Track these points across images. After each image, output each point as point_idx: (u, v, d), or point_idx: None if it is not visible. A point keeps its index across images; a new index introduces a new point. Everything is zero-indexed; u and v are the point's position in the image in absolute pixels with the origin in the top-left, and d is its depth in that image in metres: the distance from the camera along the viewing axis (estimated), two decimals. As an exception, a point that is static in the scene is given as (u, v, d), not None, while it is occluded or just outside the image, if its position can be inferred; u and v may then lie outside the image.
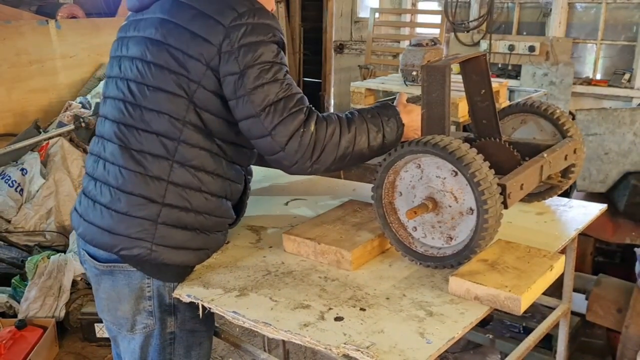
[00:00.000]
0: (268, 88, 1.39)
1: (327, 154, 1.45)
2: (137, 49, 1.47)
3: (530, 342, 1.73)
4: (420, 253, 1.47)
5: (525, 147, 1.66)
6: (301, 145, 1.41)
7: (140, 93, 1.44)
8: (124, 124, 1.46)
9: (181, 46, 1.41)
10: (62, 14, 4.85)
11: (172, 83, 1.42)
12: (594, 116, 3.10)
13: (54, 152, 3.89)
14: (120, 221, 1.43)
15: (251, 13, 1.41)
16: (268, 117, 1.39)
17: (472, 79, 1.64)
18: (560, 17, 5.35)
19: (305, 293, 1.40)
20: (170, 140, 1.43)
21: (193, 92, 1.42)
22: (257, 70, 1.39)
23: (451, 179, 1.37)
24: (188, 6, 1.43)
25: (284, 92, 1.41)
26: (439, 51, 3.63)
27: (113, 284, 1.51)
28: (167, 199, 1.43)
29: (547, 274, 1.37)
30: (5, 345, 2.78)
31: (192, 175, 1.45)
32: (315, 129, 1.43)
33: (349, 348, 1.19)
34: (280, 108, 1.40)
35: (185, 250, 1.47)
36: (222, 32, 1.38)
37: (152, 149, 1.43)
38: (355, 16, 6.91)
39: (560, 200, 1.90)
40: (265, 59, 1.40)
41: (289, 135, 1.40)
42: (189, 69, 1.41)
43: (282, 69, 1.43)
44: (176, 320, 1.53)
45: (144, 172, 1.43)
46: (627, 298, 2.59)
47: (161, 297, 1.50)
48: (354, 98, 4.10)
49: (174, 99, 1.42)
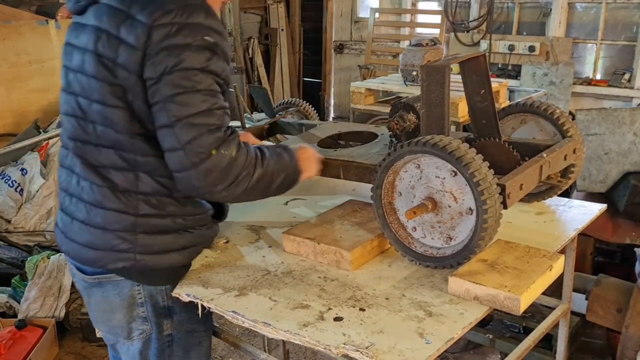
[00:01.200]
0: (187, 98, 1.27)
1: (239, 183, 1.36)
2: (77, 61, 1.39)
3: (530, 342, 1.73)
4: (419, 253, 1.47)
5: (524, 147, 1.66)
6: (216, 167, 1.30)
7: (87, 108, 1.37)
8: (80, 141, 1.41)
9: (112, 55, 1.31)
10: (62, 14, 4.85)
11: (111, 96, 1.33)
12: (594, 116, 3.10)
13: (54, 152, 3.89)
14: (100, 236, 1.41)
15: (180, 11, 1.27)
16: (183, 129, 1.27)
17: (472, 79, 1.64)
18: (560, 17, 5.35)
19: (304, 293, 1.40)
20: (127, 152, 1.36)
21: (131, 103, 1.32)
22: (176, 77, 1.26)
23: (450, 179, 1.37)
24: (117, 10, 1.32)
25: (206, 105, 1.29)
26: (439, 51, 3.63)
27: (103, 295, 1.49)
28: (140, 209, 1.39)
29: (546, 274, 1.36)
30: (5, 345, 2.78)
31: (159, 183, 1.39)
32: (237, 154, 1.33)
33: (349, 348, 1.19)
34: (199, 122, 1.28)
35: (171, 252, 1.45)
36: (145, 32, 1.26)
37: (113, 163, 1.38)
38: (355, 16, 6.91)
39: (560, 200, 1.89)
40: (188, 65, 1.26)
41: (204, 153, 1.29)
42: (121, 80, 1.31)
43: (207, 79, 1.29)
44: (172, 322, 1.52)
45: (113, 187, 1.38)
46: (627, 298, 2.58)
47: (154, 302, 1.48)
48: (354, 98, 4.11)
49: (117, 112, 1.33)
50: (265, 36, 6.84)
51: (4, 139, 4.16)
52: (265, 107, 2.37)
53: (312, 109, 2.46)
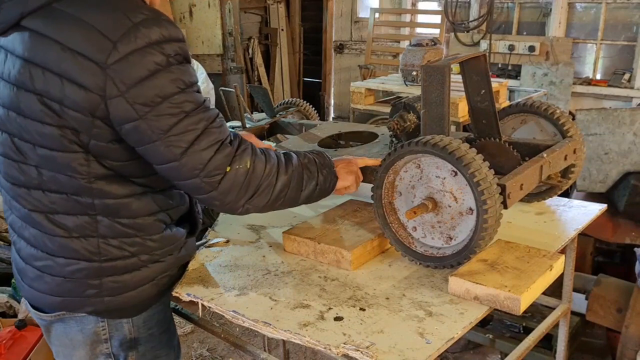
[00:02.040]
0: (182, 127, 1.17)
1: (261, 194, 1.30)
2: (7, 97, 1.20)
3: (530, 342, 1.73)
4: (420, 253, 1.47)
5: (525, 147, 1.66)
6: (235, 183, 1.25)
7: (30, 152, 1.21)
8: (26, 187, 1.25)
9: (55, 96, 1.14)
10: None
11: (59, 139, 1.17)
12: (594, 116, 3.10)
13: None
14: (62, 284, 1.29)
15: (128, 37, 1.10)
16: (192, 158, 1.19)
17: (472, 79, 1.64)
18: (560, 17, 5.35)
19: (305, 293, 1.40)
20: (84, 197, 1.23)
21: (86, 144, 1.18)
22: (162, 111, 1.15)
23: (451, 179, 1.37)
24: (51, 41, 1.13)
25: (203, 124, 1.19)
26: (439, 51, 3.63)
27: (65, 331, 1.38)
28: (103, 254, 1.28)
29: (546, 274, 1.37)
30: (5, 345, 2.78)
31: (120, 224, 1.28)
32: (254, 165, 1.27)
33: (349, 348, 1.19)
34: (204, 146, 1.20)
35: (143, 286, 1.35)
36: (100, 73, 1.10)
37: (68, 209, 1.24)
38: (355, 16, 6.92)
39: (560, 200, 1.90)
40: (167, 92, 1.14)
41: (221, 172, 1.23)
42: (72, 123, 1.15)
43: (190, 95, 1.18)
44: (137, 353, 1.42)
45: (68, 235, 1.26)
46: (627, 298, 2.59)
47: (120, 336, 1.39)
48: (354, 98, 4.11)
49: (68, 155, 1.19)
50: (265, 36, 6.84)
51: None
52: (265, 107, 2.37)
53: (312, 109, 2.46)
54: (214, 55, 5.64)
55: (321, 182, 1.43)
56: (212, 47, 5.64)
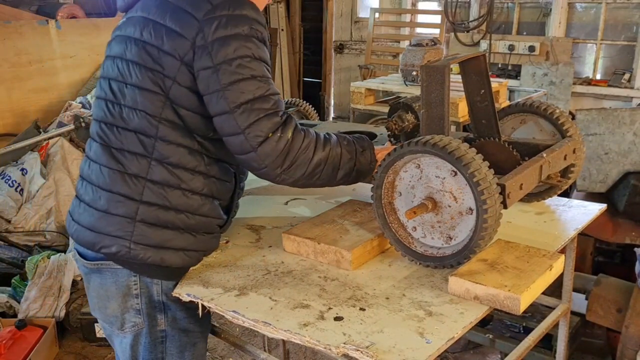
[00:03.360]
0: (244, 85, 1.35)
1: (297, 166, 1.42)
2: (118, 48, 1.46)
3: (530, 341, 1.73)
4: (419, 253, 1.47)
5: (524, 147, 1.66)
6: (275, 149, 1.38)
7: (120, 91, 1.43)
8: (105, 123, 1.45)
9: (156, 42, 1.38)
10: (62, 14, 4.86)
11: (148, 80, 1.39)
12: (594, 116, 3.10)
13: (54, 152, 3.90)
14: (101, 219, 1.43)
15: (226, 5, 1.36)
16: (243, 115, 1.35)
17: (472, 79, 1.64)
18: (560, 17, 5.35)
19: (305, 293, 1.41)
20: (148, 137, 1.40)
21: (168, 88, 1.39)
22: (232, 66, 1.34)
23: (450, 178, 1.37)
24: (165, 2, 1.41)
25: (261, 91, 1.37)
26: (439, 51, 3.63)
27: (101, 282, 1.50)
28: (145, 196, 1.41)
29: (546, 274, 1.37)
30: (5, 345, 2.78)
31: (170, 172, 1.42)
32: (292, 137, 1.40)
33: (349, 348, 1.19)
34: (257, 107, 1.36)
35: (166, 249, 1.44)
36: (196, 26, 1.35)
37: (130, 146, 1.41)
38: (355, 16, 6.92)
39: (560, 200, 1.90)
40: (241, 53, 1.34)
41: (263, 136, 1.36)
42: (163, 65, 1.38)
43: (260, 66, 1.37)
44: (167, 319, 1.51)
45: (123, 170, 1.41)
46: (627, 298, 2.59)
47: (149, 295, 1.48)
48: (354, 98, 4.11)
49: (150, 95, 1.39)
50: (265, 36, 6.84)
51: (4, 139, 4.17)
52: (265, 107, 2.36)
53: (312, 109, 2.46)
54: (214, 55, 5.63)
55: (359, 164, 1.53)
56: (212, 47, 5.63)
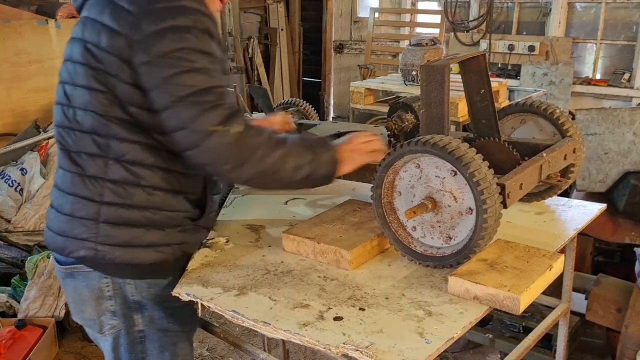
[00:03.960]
0: (184, 78, 1.29)
1: (249, 164, 1.34)
2: (68, 51, 1.44)
3: (530, 342, 1.72)
4: (419, 253, 1.47)
5: (524, 147, 1.66)
6: (221, 144, 1.31)
7: (71, 94, 1.41)
8: (63, 127, 1.43)
9: (95, 40, 1.34)
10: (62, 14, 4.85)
11: (94, 80, 1.36)
12: (594, 116, 3.10)
13: (54, 152, 3.89)
14: (68, 223, 1.42)
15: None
16: (185, 109, 1.29)
17: (472, 79, 1.64)
18: (560, 17, 5.35)
19: (304, 293, 1.40)
20: (102, 137, 1.37)
21: (113, 86, 1.34)
22: (171, 59, 1.28)
23: (451, 179, 1.37)
24: (101, 1, 1.36)
25: (203, 84, 1.30)
26: (439, 51, 3.63)
27: (75, 287, 1.48)
28: (106, 197, 1.38)
29: (546, 274, 1.36)
30: (5, 345, 2.78)
31: (128, 171, 1.38)
32: (242, 133, 1.32)
33: (349, 348, 1.19)
34: (199, 100, 1.29)
35: (135, 248, 1.41)
36: (132, 21, 1.29)
37: (86, 148, 1.39)
38: (355, 16, 6.92)
39: (560, 200, 1.89)
40: (180, 46, 1.28)
41: (207, 130, 1.30)
42: (105, 64, 1.33)
43: (202, 58, 1.31)
44: (144, 319, 1.49)
45: (83, 173, 1.40)
46: (626, 298, 2.58)
47: (123, 296, 1.46)
48: (353, 98, 4.11)
49: (97, 95, 1.36)
50: (265, 36, 6.85)
51: (4, 139, 4.16)
52: (265, 107, 2.37)
53: (312, 109, 2.46)
54: (214, 55, 5.64)
55: (320, 165, 1.45)
56: (212, 47, 5.63)
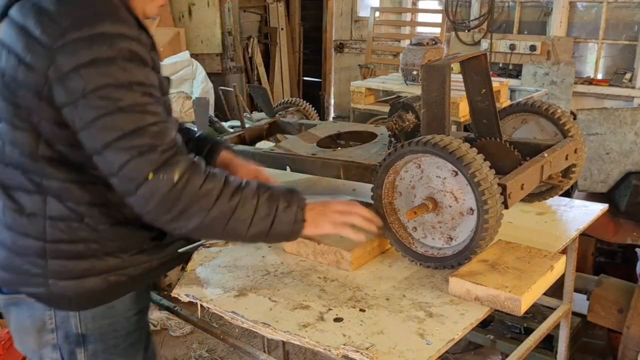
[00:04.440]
0: (110, 121, 1.14)
1: (192, 215, 1.19)
2: None
3: (531, 342, 1.72)
4: (420, 253, 1.46)
5: (525, 146, 1.65)
6: (157, 193, 1.15)
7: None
8: None
9: (12, 73, 1.18)
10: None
11: (15, 116, 1.22)
12: (595, 116, 3.09)
13: None
14: (10, 258, 1.32)
15: (77, 24, 1.12)
16: (113, 155, 1.15)
17: (473, 78, 1.63)
18: (561, 17, 5.35)
19: (304, 293, 1.40)
20: (34, 174, 1.25)
21: (37, 124, 1.21)
22: (92, 100, 1.13)
23: (451, 179, 1.36)
24: (16, 25, 1.18)
25: (132, 125, 1.14)
26: (440, 50, 3.63)
27: (17, 316, 1.39)
28: (48, 235, 1.27)
29: (547, 275, 1.36)
30: (4, 346, 2.77)
31: (68, 208, 1.27)
32: (185, 178, 1.17)
33: (349, 349, 1.18)
34: (128, 145, 1.14)
35: (88, 278, 1.31)
36: (44, 54, 1.13)
37: (21, 184, 1.27)
38: (355, 15, 6.91)
39: (561, 200, 1.89)
40: (101, 83, 1.12)
41: (141, 177, 1.15)
42: (24, 101, 1.19)
43: (129, 94, 1.14)
44: (86, 352, 1.39)
45: (21, 210, 1.28)
46: (628, 298, 2.58)
47: (67, 329, 1.36)
48: (354, 97, 4.10)
49: (21, 133, 1.23)
50: (264, 35, 6.84)
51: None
52: (264, 107, 2.36)
53: (312, 108, 2.45)
54: (213, 54, 5.64)
55: (279, 223, 1.27)
56: (211, 46, 5.63)
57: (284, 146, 1.95)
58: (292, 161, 1.84)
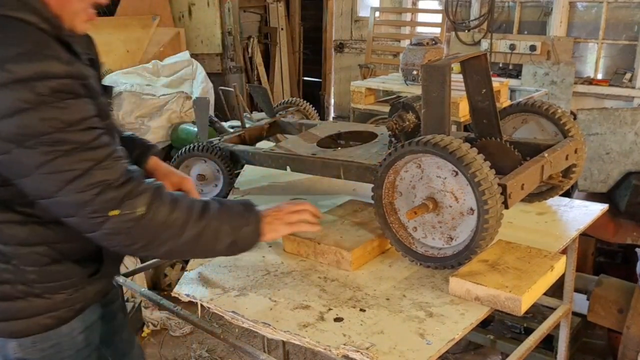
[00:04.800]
0: (57, 166, 1.09)
1: (161, 243, 1.20)
2: None
3: (531, 342, 1.72)
4: (420, 253, 1.46)
5: (526, 146, 1.65)
6: (122, 228, 1.14)
7: None
8: None
9: None
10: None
11: None
12: (595, 116, 3.09)
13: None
14: None
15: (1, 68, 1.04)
16: (68, 198, 1.11)
17: (473, 78, 1.63)
18: (561, 16, 5.34)
19: (304, 293, 1.40)
20: None
21: None
22: (30, 147, 1.07)
23: (452, 179, 1.36)
24: None
25: (83, 165, 1.10)
26: (440, 50, 3.62)
27: None
28: None
29: (547, 275, 1.36)
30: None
31: None
32: (152, 212, 1.17)
33: (349, 349, 1.18)
34: (83, 186, 1.11)
35: (16, 320, 1.28)
36: None
37: None
38: (355, 15, 6.91)
39: (561, 200, 1.89)
40: (34, 130, 1.07)
41: (101, 216, 1.13)
42: None
43: (70, 134, 1.09)
44: None
45: None
46: (628, 298, 2.58)
47: (4, 353, 1.32)
48: (354, 97, 4.10)
49: None
50: (265, 35, 6.84)
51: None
52: (265, 107, 2.36)
53: (312, 108, 2.45)
54: (213, 54, 5.63)
55: (241, 239, 1.32)
56: (211, 46, 5.63)
57: (284, 146, 1.95)
58: (292, 161, 1.84)
